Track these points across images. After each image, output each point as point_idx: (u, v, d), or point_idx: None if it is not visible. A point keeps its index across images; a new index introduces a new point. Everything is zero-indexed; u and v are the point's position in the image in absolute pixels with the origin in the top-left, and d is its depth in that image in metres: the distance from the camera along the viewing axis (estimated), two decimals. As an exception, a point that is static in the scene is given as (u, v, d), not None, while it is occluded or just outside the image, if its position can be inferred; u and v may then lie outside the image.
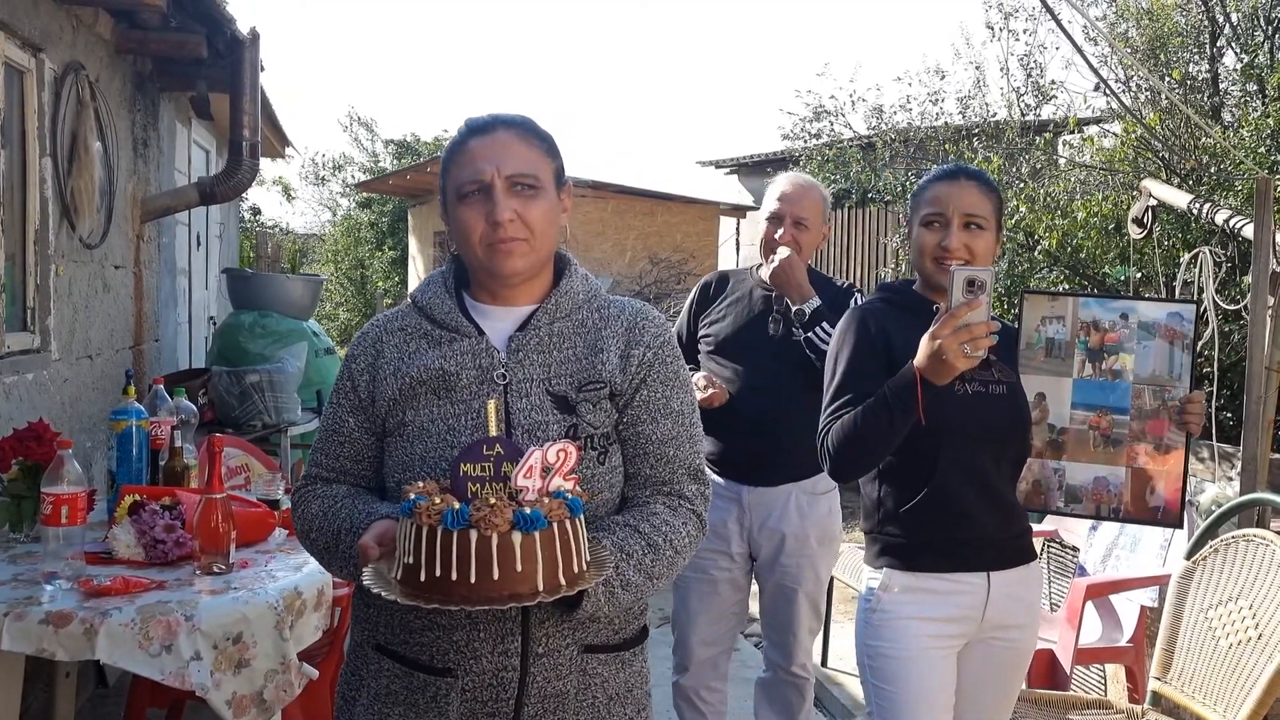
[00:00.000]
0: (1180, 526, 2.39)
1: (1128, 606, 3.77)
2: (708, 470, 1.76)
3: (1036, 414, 2.32)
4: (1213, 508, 4.21)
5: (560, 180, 1.71)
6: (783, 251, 3.01)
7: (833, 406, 2.18)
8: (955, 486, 2.18)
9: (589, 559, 1.46)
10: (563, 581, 1.40)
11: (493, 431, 1.49)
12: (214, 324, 7.57)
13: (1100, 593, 3.74)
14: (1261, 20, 8.02)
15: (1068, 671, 3.45)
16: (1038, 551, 2.36)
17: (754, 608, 5.78)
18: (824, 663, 4.72)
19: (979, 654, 2.26)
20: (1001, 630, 2.25)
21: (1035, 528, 4.20)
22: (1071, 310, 2.33)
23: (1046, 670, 3.48)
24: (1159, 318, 2.31)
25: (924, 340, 1.99)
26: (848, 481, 2.29)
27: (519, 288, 1.69)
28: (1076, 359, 2.32)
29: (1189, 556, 2.91)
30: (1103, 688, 3.93)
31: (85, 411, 4.29)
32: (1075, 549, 4.11)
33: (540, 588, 1.38)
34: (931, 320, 2.15)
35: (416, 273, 17.97)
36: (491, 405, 1.50)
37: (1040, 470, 2.34)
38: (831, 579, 4.79)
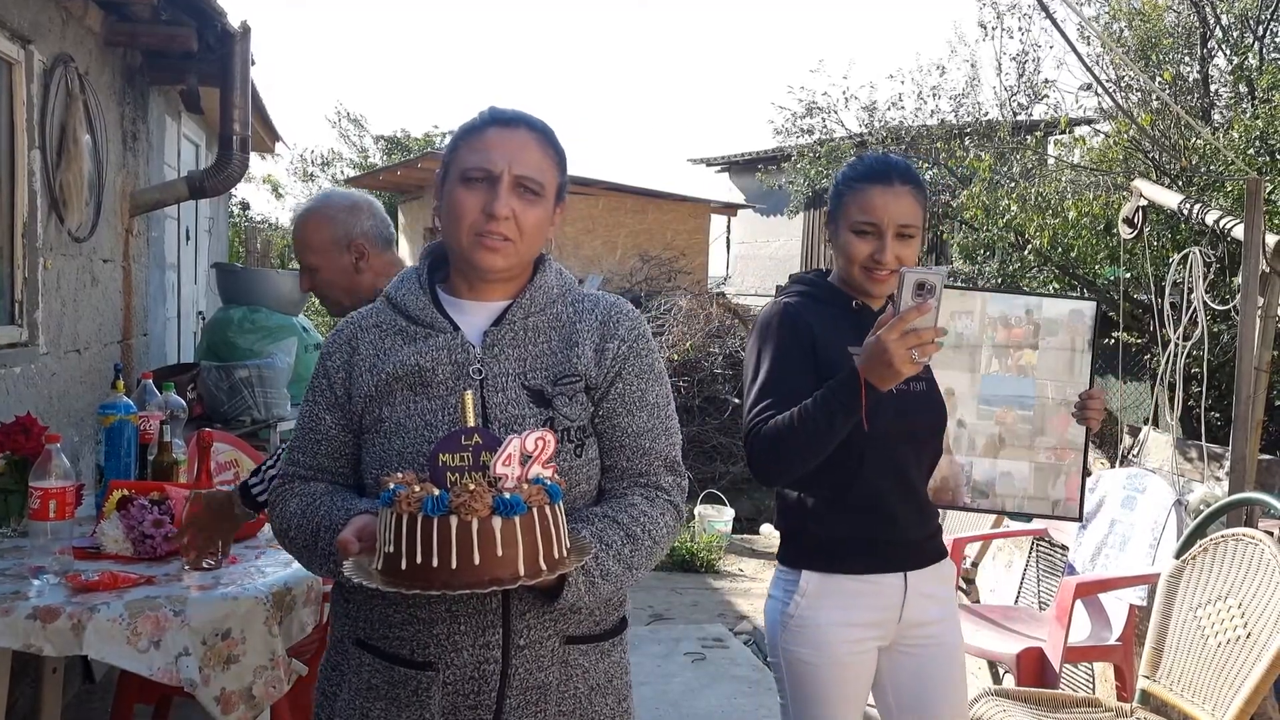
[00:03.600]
0: (1079, 520, 2.45)
1: (1117, 605, 3.78)
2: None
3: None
4: (1201, 507, 4.22)
5: (560, 195, 1.71)
6: None
7: (758, 407, 2.09)
8: (878, 487, 2.15)
9: (569, 545, 1.46)
10: (543, 566, 1.40)
11: (470, 423, 1.49)
12: (203, 319, 7.55)
13: (1089, 591, 3.75)
14: (1251, 22, 8.04)
15: (1057, 670, 3.46)
16: (1026, 549, 2.37)
17: (742, 605, 5.81)
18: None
19: (905, 656, 2.23)
20: (919, 628, 2.22)
21: (1025, 527, 4.24)
22: (980, 306, 2.34)
23: (1036, 668, 3.49)
24: (1062, 314, 2.33)
25: (868, 342, 1.91)
26: (777, 486, 2.23)
27: (496, 283, 1.69)
28: (984, 355, 2.33)
29: (1178, 556, 2.92)
30: (1091, 686, 3.94)
31: (73, 406, 4.27)
32: (1064, 547, 4.12)
33: (521, 572, 1.38)
34: (849, 312, 2.10)
35: (407, 269, 17.91)
36: (468, 396, 1.50)
37: (949, 466, 2.34)
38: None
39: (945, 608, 2.28)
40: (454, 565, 1.36)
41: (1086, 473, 2.37)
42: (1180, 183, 6.64)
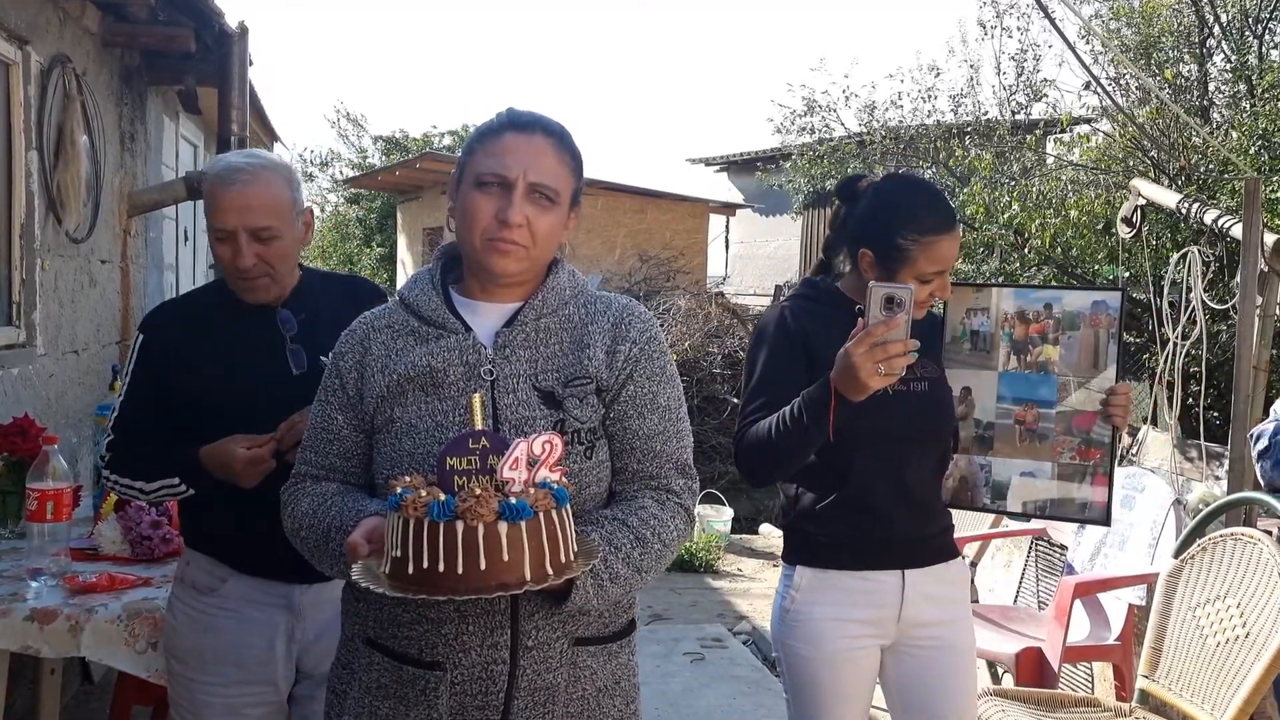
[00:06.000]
0: (1108, 524, 2.30)
1: (1116, 605, 3.78)
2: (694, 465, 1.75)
3: (962, 409, 2.27)
4: (1200, 506, 4.22)
5: (575, 200, 1.71)
6: None
7: (749, 409, 2.12)
8: (870, 486, 2.15)
9: (576, 549, 1.45)
10: (550, 571, 1.39)
11: (478, 426, 1.48)
12: (202, 319, 7.52)
13: (1088, 591, 3.75)
14: (1251, 21, 8.04)
15: (1056, 669, 3.46)
16: (1025, 549, 2.35)
17: (742, 605, 5.81)
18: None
19: (910, 657, 2.23)
20: (922, 629, 2.21)
21: (1023, 526, 4.24)
22: (995, 301, 2.26)
23: (1034, 668, 3.49)
24: (1084, 307, 2.22)
25: (839, 355, 1.89)
26: (762, 486, 2.25)
27: (508, 286, 1.69)
28: (1001, 351, 2.25)
29: (1177, 555, 2.92)
30: (1090, 686, 3.94)
31: (71, 407, 4.27)
32: (1063, 547, 4.12)
33: (527, 577, 1.37)
34: (851, 317, 2.10)
35: (404, 270, 17.94)
36: (476, 399, 1.50)
37: (966, 466, 2.28)
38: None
39: (950, 609, 2.25)
40: (460, 570, 1.35)
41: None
42: (1180, 181, 6.64)
